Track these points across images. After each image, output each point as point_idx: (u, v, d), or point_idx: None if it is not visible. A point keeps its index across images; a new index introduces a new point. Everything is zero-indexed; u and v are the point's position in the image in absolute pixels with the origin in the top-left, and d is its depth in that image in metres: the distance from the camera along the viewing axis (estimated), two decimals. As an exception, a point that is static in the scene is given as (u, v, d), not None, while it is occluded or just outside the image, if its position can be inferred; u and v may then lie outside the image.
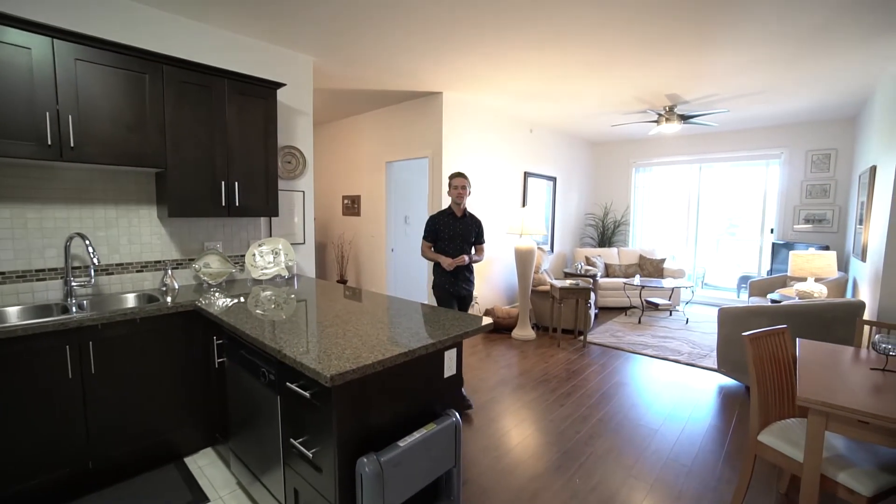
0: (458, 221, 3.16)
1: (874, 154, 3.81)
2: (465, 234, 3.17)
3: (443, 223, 3.15)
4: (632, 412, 3.02)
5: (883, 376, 1.83)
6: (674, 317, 5.66)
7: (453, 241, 3.15)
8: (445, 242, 3.15)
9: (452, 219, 3.16)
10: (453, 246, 3.14)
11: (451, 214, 3.17)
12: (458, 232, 3.15)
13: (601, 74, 3.81)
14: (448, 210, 3.19)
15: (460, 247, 3.15)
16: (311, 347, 1.51)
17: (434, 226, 3.15)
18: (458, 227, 3.16)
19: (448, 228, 3.15)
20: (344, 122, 5.79)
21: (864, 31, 2.97)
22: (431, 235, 3.17)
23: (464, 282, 3.18)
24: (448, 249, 3.14)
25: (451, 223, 3.15)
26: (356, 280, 5.84)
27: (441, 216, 3.18)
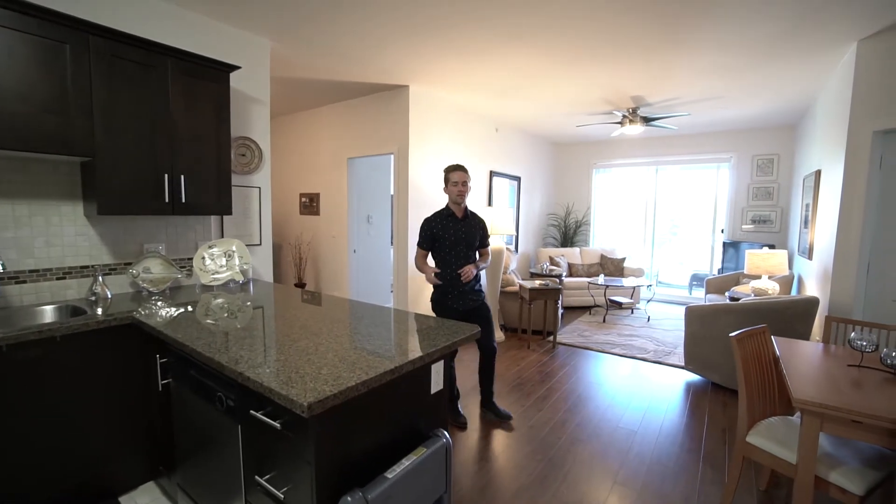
0: (460, 224, 2.67)
1: (818, 159, 4.04)
2: (469, 237, 2.69)
3: (441, 227, 2.66)
4: (609, 414, 2.98)
5: (859, 372, 1.86)
6: (635, 315, 5.79)
7: (456, 248, 2.66)
8: (446, 250, 2.66)
9: (453, 221, 2.67)
10: (455, 253, 2.66)
11: (451, 216, 2.68)
12: (461, 236, 2.66)
13: (571, 73, 3.77)
14: (446, 211, 2.70)
15: (464, 253, 2.67)
16: (280, 367, 1.29)
17: (430, 230, 2.67)
18: (461, 230, 2.66)
19: (448, 233, 2.65)
20: (302, 115, 5.45)
21: (811, 46, 3.14)
22: (427, 242, 2.69)
23: (470, 293, 2.70)
24: (450, 258, 2.66)
25: (452, 226, 2.66)
26: (316, 284, 5.51)
27: (438, 218, 2.69)
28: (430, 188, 4.68)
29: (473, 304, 2.72)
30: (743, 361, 1.92)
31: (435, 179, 4.75)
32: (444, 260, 2.69)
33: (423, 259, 2.76)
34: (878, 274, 3.04)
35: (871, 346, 1.87)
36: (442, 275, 2.68)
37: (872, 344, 1.87)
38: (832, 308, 3.21)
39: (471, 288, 2.71)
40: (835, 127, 3.47)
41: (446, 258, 2.68)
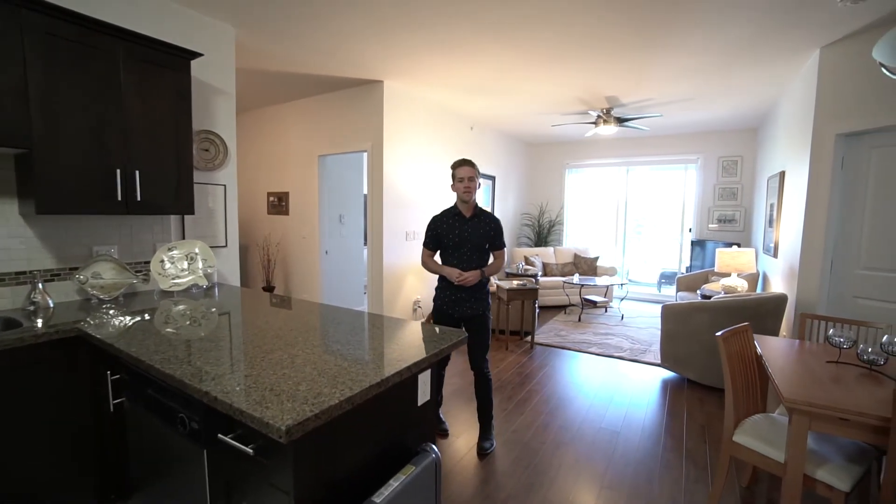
0: (467, 223, 2.48)
1: (781, 161, 4.19)
2: (476, 238, 2.47)
3: (445, 226, 2.49)
4: (591, 415, 2.95)
5: (837, 368, 1.89)
6: (609, 313, 5.86)
7: (460, 249, 2.47)
8: (450, 251, 2.49)
9: (458, 220, 2.49)
10: (459, 255, 2.47)
11: (457, 215, 2.49)
12: (466, 237, 2.46)
13: (548, 71, 3.75)
14: (453, 209, 2.52)
15: (469, 256, 2.47)
16: (252, 384, 1.15)
17: (435, 230, 2.52)
18: (466, 230, 2.47)
19: (453, 233, 2.47)
20: (271, 110, 5.20)
21: (777, 51, 3.25)
22: (432, 242, 2.53)
23: (469, 300, 2.47)
24: (453, 259, 2.48)
25: (457, 225, 2.48)
26: (285, 286, 5.27)
27: (444, 217, 2.52)
28: (405, 187, 4.56)
29: (470, 312, 2.49)
30: (729, 360, 1.92)
31: (410, 177, 4.63)
32: (447, 262, 2.52)
33: (429, 259, 2.57)
34: (840, 271, 3.16)
35: (848, 343, 1.90)
36: (442, 278, 2.51)
37: (850, 341, 1.90)
38: (799, 304, 3.32)
39: (468, 295, 2.48)
40: (799, 130, 3.60)
41: (449, 260, 2.50)
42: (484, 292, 2.53)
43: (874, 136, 2.99)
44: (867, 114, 2.94)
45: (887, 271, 2.95)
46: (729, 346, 1.94)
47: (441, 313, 2.53)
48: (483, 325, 2.52)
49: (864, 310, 3.04)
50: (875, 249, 3.01)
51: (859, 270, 3.08)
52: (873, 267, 3.02)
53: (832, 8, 2.59)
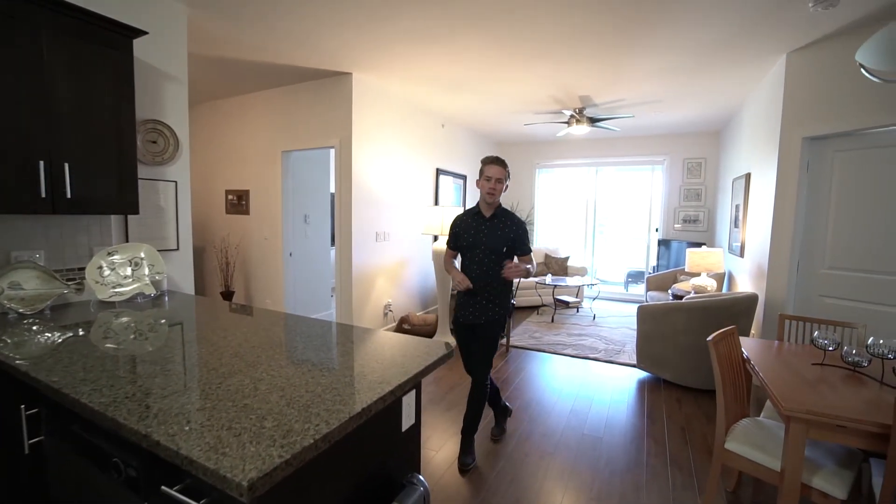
0: (484, 224, 2.33)
1: (747, 163, 4.30)
2: (492, 241, 2.30)
3: (464, 225, 2.38)
4: (573, 421, 2.88)
5: (822, 370, 1.87)
6: (581, 313, 5.88)
7: (473, 250, 2.32)
8: (464, 251, 2.38)
9: (477, 220, 2.34)
10: (472, 256, 2.33)
11: (477, 214, 2.35)
12: (481, 238, 2.30)
13: (524, 68, 3.65)
14: (474, 209, 2.39)
15: (481, 258, 2.31)
16: (206, 421, 0.95)
17: (454, 228, 2.43)
18: (483, 231, 2.31)
19: (468, 233, 2.34)
20: (230, 102, 4.84)
21: (746, 55, 3.31)
22: (452, 241, 2.44)
23: (475, 305, 2.33)
24: (465, 261, 2.36)
25: (473, 226, 2.33)
26: (245, 293, 4.93)
27: (464, 217, 2.42)
28: (374, 185, 4.35)
29: (472, 319, 2.34)
30: (719, 364, 1.86)
31: (380, 176, 4.43)
32: (462, 264, 2.42)
33: (449, 260, 2.50)
34: (806, 270, 3.25)
35: (833, 345, 1.90)
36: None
37: (835, 343, 1.90)
38: (768, 303, 3.39)
39: (474, 300, 2.33)
40: (765, 133, 3.68)
41: (464, 263, 2.40)
42: (494, 299, 2.34)
43: (837, 140, 3.08)
44: (831, 118, 3.02)
45: (850, 270, 3.05)
46: (719, 349, 1.89)
47: (454, 318, 2.49)
48: (486, 334, 2.35)
49: (828, 308, 3.13)
50: (838, 250, 3.10)
51: (824, 270, 3.17)
52: (837, 266, 3.11)
53: (803, 13, 2.62)
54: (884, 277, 2.89)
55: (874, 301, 2.93)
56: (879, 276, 2.91)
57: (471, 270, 2.34)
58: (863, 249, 2.98)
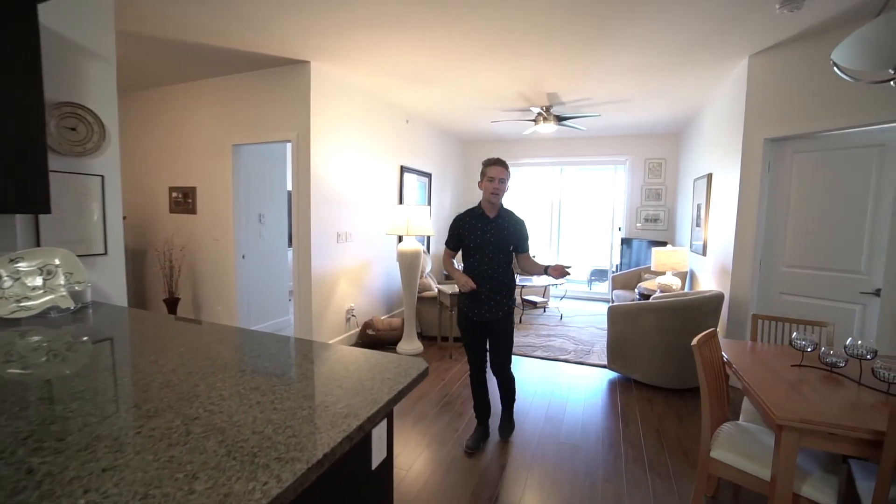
0: (490, 224, 2.41)
1: (708, 163, 4.39)
2: (499, 239, 2.39)
3: (468, 226, 2.43)
4: (548, 428, 2.77)
5: (801, 371, 1.85)
6: (548, 313, 5.86)
7: (482, 251, 2.39)
8: (472, 252, 2.42)
9: (482, 220, 2.42)
10: (480, 256, 2.40)
11: (481, 215, 2.43)
12: (489, 238, 2.38)
13: (495, 61, 3.52)
14: (477, 209, 2.46)
15: (492, 258, 2.39)
16: (114, 487, 0.72)
17: (457, 229, 2.47)
18: (490, 230, 2.39)
19: (475, 233, 2.40)
20: (174, 90, 4.41)
21: (710, 58, 3.34)
22: (454, 241, 2.49)
23: (488, 302, 2.40)
24: (474, 261, 2.41)
25: (479, 226, 2.41)
26: (193, 299, 4.52)
27: (467, 216, 2.47)
28: (335, 183, 4.09)
29: (489, 316, 2.42)
30: (704, 369, 1.80)
31: (341, 173, 4.17)
32: (468, 263, 2.47)
33: (448, 260, 2.55)
34: (767, 269, 3.32)
35: (811, 346, 1.88)
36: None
37: (813, 344, 1.88)
38: (732, 301, 3.44)
39: (487, 297, 2.41)
40: (727, 134, 3.75)
41: (471, 261, 2.45)
42: (506, 294, 2.46)
43: (796, 141, 3.16)
44: (790, 121, 3.09)
45: (807, 268, 3.13)
46: (702, 353, 1.82)
47: (462, 316, 2.50)
48: (503, 329, 2.46)
49: (788, 305, 3.21)
50: (797, 248, 3.18)
51: (784, 268, 3.25)
52: (795, 265, 3.20)
53: (770, 15, 2.64)
54: (837, 275, 2.98)
55: (829, 297, 3.03)
56: (834, 274, 3.00)
57: (481, 270, 2.40)
58: (819, 248, 3.07)
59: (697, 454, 2.45)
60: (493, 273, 2.40)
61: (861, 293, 2.86)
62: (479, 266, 2.41)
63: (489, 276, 2.41)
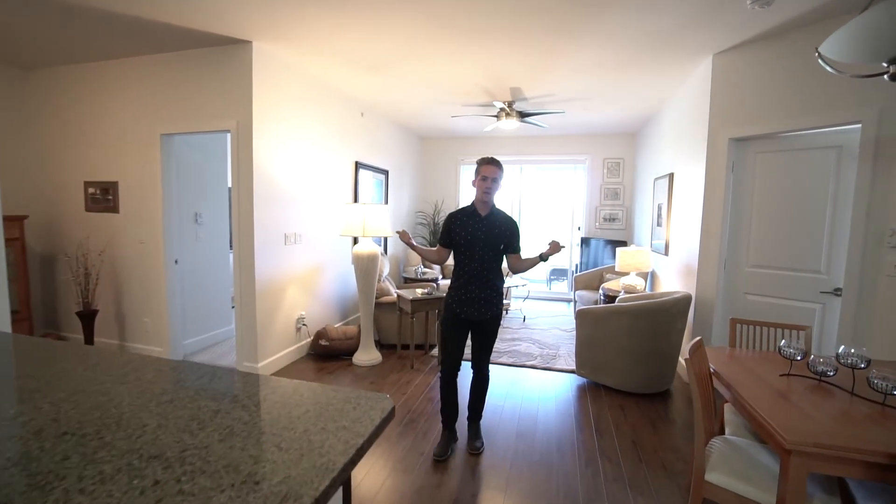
0: (481, 222, 2.41)
1: (670, 163, 4.40)
2: (490, 238, 2.39)
3: (459, 223, 2.43)
4: (520, 445, 2.57)
5: (789, 381, 1.75)
6: (510, 315, 5.71)
7: (472, 248, 2.39)
8: (462, 249, 2.42)
9: (473, 218, 2.42)
10: (470, 254, 2.40)
11: (473, 212, 2.44)
12: (480, 236, 2.39)
13: (455, 48, 3.28)
14: (470, 207, 2.47)
15: (482, 255, 2.39)
16: None
17: (449, 225, 2.47)
18: (480, 228, 2.40)
19: (466, 231, 2.40)
20: (89, 69, 3.80)
21: (675, 55, 3.30)
22: (444, 238, 2.49)
23: (479, 300, 2.41)
24: (464, 259, 2.42)
25: (470, 223, 2.41)
26: (116, 310, 3.94)
27: (460, 214, 2.47)
28: (283, 179, 3.69)
29: (478, 315, 2.42)
30: (698, 383, 1.65)
31: (290, 168, 3.78)
32: (459, 261, 2.46)
33: (427, 249, 2.57)
34: (732, 269, 3.31)
35: (800, 354, 1.78)
36: (455, 276, 2.47)
37: (801, 352, 1.78)
38: (698, 302, 3.41)
39: (478, 295, 2.40)
40: (690, 134, 3.73)
41: (462, 259, 2.44)
42: (496, 295, 2.46)
43: (758, 142, 3.16)
44: (753, 121, 3.09)
45: (770, 268, 3.14)
46: (694, 365, 1.67)
47: (450, 312, 2.47)
48: (492, 329, 2.50)
49: (752, 305, 3.22)
50: (760, 248, 3.19)
51: (748, 268, 3.25)
52: (759, 265, 3.20)
53: (740, 10, 2.58)
54: (799, 275, 3.01)
55: (791, 297, 3.05)
56: (795, 274, 3.02)
57: (470, 268, 2.40)
58: (781, 248, 3.09)
59: (675, 465, 2.34)
60: (483, 271, 2.40)
61: (821, 293, 2.89)
62: (470, 264, 2.41)
63: (479, 275, 2.40)
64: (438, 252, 2.55)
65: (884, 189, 2.51)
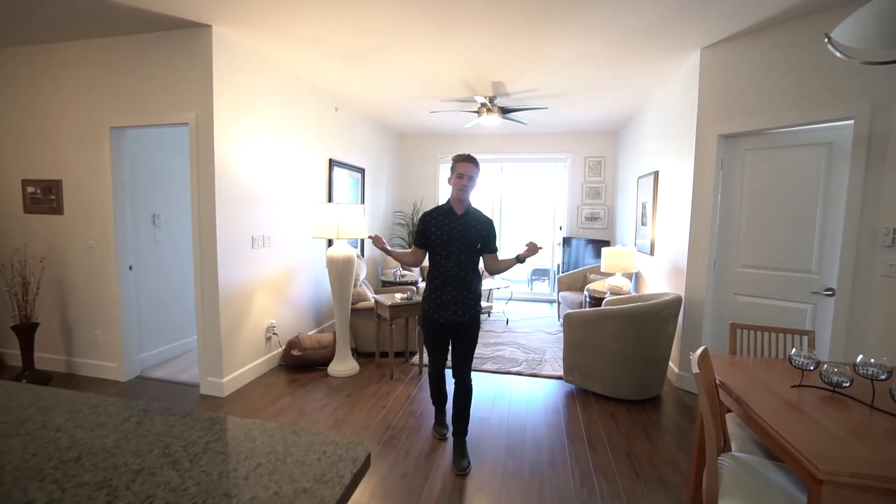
0: (457, 221, 2.35)
1: (654, 161, 4.31)
2: (466, 237, 2.34)
3: (435, 223, 2.36)
4: (510, 462, 2.39)
5: (801, 392, 1.63)
6: (493, 318, 5.55)
7: (447, 248, 2.32)
8: (438, 249, 2.34)
9: (448, 217, 2.36)
10: (447, 254, 2.33)
11: (449, 211, 2.37)
12: (456, 234, 2.32)
13: (436, 37, 3.07)
14: (446, 206, 2.40)
15: (458, 255, 2.33)
16: None
17: (424, 224, 2.39)
18: (456, 227, 2.34)
19: (441, 230, 2.33)
20: (25, 53, 3.41)
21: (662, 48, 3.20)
22: (420, 237, 2.40)
23: (455, 303, 2.34)
24: (441, 258, 2.34)
25: (446, 223, 2.34)
26: (61, 323, 3.56)
27: (435, 213, 2.40)
28: (249, 177, 3.41)
29: (455, 318, 2.35)
30: (707, 397, 1.49)
31: (257, 165, 3.49)
32: (435, 261, 2.37)
33: (403, 252, 2.48)
34: (722, 269, 3.23)
35: (813, 364, 1.66)
36: (430, 278, 2.40)
37: (814, 361, 1.66)
38: (688, 304, 3.32)
39: (454, 297, 2.33)
40: (677, 130, 3.64)
41: (437, 259, 2.36)
42: (473, 297, 2.39)
43: (747, 138, 3.08)
44: (742, 116, 3.00)
45: (760, 268, 3.07)
46: (703, 378, 1.52)
47: (428, 318, 2.41)
48: (471, 332, 2.42)
49: (742, 306, 3.13)
50: (750, 248, 3.11)
51: (738, 268, 3.17)
52: (749, 265, 3.12)
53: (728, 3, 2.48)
54: (789, 274, 2.94)
55: (782, 298, 2.97)
56: (785, 274, 2.95)
57: (447, 268, 2.33)
58: (771, 248, 3.01)
59: (672, 478, 2.21)
60: (459, 272, 2.33)
61: (812, 293, 2.82)
62: (447, 264, 2.33)
63: (455, 276, 2.33)
64: (414, 253, 2.45)
65: (877, 187, 2.44)
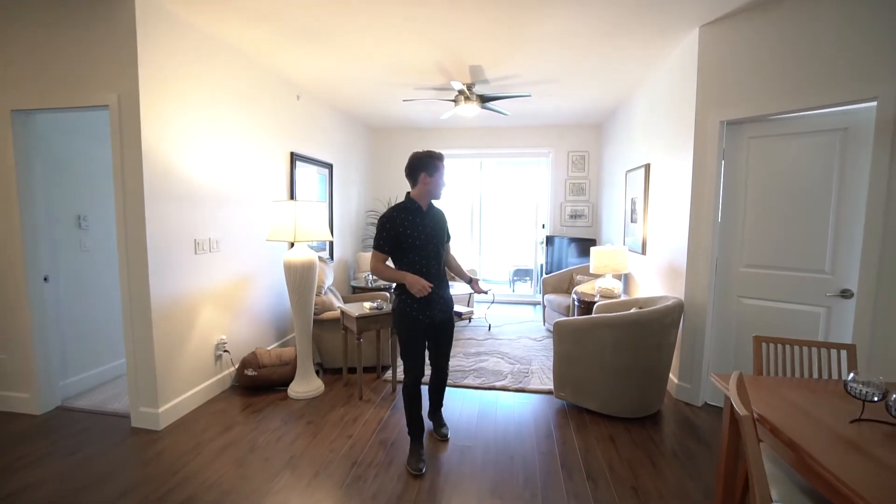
0: (426, 218, 2.27)
1: (644, 153, 4.01)
2: (438, 232, 2.30)
3: (406, 223, 2.21)
4: (498, 495, 2.00)
5: (860, 428, 1.30)
6: (474, 324, 5.16)
7: (427, 246, 2.23)
8: (416, 251, 2.21)
9: (419, 214, 2.26)
10: (426, 253, 2.23)
11: (418, 209, 2.26)
12: (430, 232, 2.25)
13: (405, 14, 2.65)
14: (410, 204, 2.26)
15: (435, 253, 2.27)
16: None
17: (394, 229, 2.19)
18: (429, 224, 2.26)
19: (416, 230, 2.21)
20: None
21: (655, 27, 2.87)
22: (390, 243, 2.21)
23: (441, 301, 2.31)
24: (420, 259, 2.21)
25: (418, 221, 2.23)
26: (-42, 343, 2.97)
27: (402, 213, 2.23)
28: (190, 170, 2.91)
29: (441, 316, 2.32)
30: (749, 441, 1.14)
31: (200, 157, 2.99)
32: (412, 263, 2.23)
33: (382, 264, 2.23)
34: (723, 269, 2.93)
35: (878, 394, 1.32)
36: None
37: (880, 392, 1.32)
38: (688, 308, 3.01)
39: (439, 295, 2.29)
40: (672, 119, 3.33)
41: (416, 260, 2.22)
42: (448, 291, 2.40)
43: (752, 126, 2.78)
44: (747, 101, 2.70)
45: (767, 268, 2.79)
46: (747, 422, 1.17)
47: (408, 319, 2.24)
48: (451, 327, 2.43)
49: (747, 309, 2.85)
50: (755, 247, 2.82)
51: (742, 269, 2.88)
52: (754, 264, 2.84)
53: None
54: (799, 275, 2.66)
55: (791, 300, 2.70)
56: (795, 274, 2.68)
57: (428, 267, 2.24)
58: (778, 246, 2.73)
59: (692, 524, 1.87)
60: (439, 269, 2.30)
61: (827, 295, 2.54)
62: (427, 263, 2.23)
63: (437, 273, 2.28)
64: (383, 262, 2.24)
65: (903, 176, 2.16)
